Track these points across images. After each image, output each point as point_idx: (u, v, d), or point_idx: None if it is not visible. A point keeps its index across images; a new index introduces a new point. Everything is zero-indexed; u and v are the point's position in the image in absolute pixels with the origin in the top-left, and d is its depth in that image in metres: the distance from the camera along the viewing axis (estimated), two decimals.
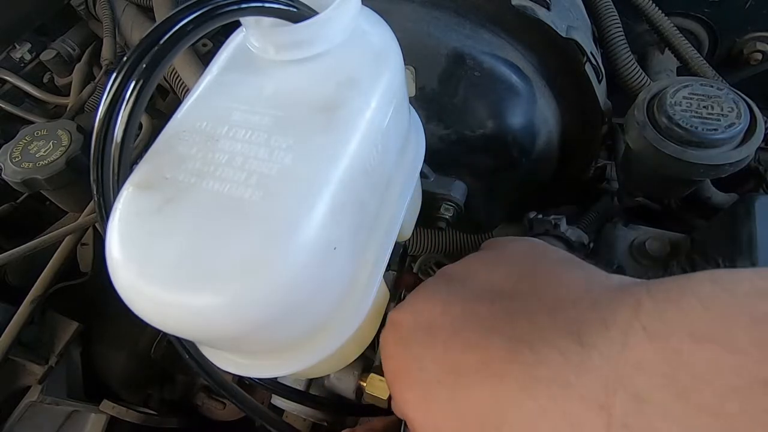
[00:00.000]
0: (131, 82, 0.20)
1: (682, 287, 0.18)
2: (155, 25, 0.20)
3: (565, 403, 0.18)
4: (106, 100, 0.20)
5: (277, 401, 0.46)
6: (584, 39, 0.43)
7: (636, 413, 0.17)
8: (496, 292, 0.26)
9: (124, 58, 0.20)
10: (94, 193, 0.21)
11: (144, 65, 0.20)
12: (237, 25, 0.26)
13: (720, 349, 0.16)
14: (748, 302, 0.17)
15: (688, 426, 0.16)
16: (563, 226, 0.47)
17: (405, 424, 0.35)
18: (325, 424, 0.48)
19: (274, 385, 0.40)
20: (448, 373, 0.23)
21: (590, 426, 0.18)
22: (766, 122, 0.40)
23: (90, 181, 0.21)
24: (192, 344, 0.29)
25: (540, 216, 0.49)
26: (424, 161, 0.33)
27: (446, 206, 0.46)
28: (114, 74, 0.20)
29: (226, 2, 0.21)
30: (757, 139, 0.38)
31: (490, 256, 0.29)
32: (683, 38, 0.55)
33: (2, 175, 0.57)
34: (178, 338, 0.28)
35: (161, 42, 0.20)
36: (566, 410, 0.18)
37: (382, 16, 0.28)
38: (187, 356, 0.29)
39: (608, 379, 0.18)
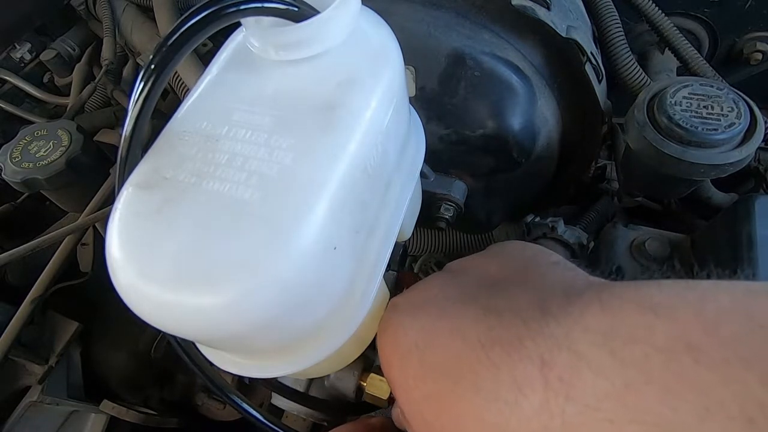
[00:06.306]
0: (139, 86, 0.20)
1: (651, 281, 0.19)
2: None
3: (514, 361, 0.20)
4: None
5: (278, 401, 0.46)
6: (584, 39, 0.43)
7: (571, 368, 0.18)
8: (487, 279, 0.28)
9: (145, 63, 0.21)
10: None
11: (151, 68, 0.21)
12: (237, 25, 0.26)
13: (657, 317, 0.17)
14: (702, 289, 0.18)
15: (613, 377, 0.17)
16: (560, 228, 0.47)
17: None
18: (326, 424, 0.48)
19: (275, 385, 0.40)
20: (424, 337, 0.25)
21: (530, 380, 0.19)
22: (766, 122, 0.40)
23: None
24: (191, 347, 0.29)
25: (537, 219, 0.49)
26: (424, 161, 0.33)
27: (446, 206, 0.46)
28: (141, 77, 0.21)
29: (227, 3, 0.21)
30: (757, 139, 0.38)
31: (489, 253, 0.31)
32: (683, 38, 0.55)
33: (2, 175, 0.57)
34: (176, 340, 0.28)
35: (167, 45, 0.21)
36: (513, 367, 0.20)
37: (382, 16, 0.28)
38: (188, 359, 0.29)
39: (557, 341, 0.19)
